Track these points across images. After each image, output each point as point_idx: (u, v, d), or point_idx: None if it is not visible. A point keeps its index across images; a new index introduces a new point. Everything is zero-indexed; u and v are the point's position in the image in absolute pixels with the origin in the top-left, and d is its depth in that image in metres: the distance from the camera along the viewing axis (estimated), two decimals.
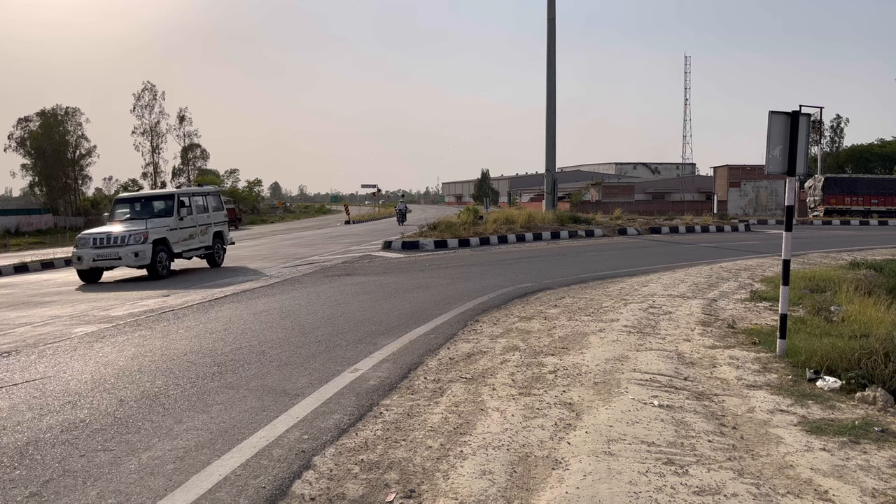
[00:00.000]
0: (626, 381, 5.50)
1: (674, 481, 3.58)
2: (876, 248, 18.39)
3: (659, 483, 3.56)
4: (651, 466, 3.78)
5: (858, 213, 38.16)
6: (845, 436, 4.26)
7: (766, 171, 6.38)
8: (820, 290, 10.14)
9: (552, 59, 27.93)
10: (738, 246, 20.03)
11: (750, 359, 6.29)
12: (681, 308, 9.02)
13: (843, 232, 28.44)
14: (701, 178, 71.66)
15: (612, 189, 56.71)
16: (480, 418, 4.73)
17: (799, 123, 6.23)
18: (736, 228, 28.19)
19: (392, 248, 20.13)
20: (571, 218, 26.45)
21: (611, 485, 3.55)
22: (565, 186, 62.15)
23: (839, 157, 71.29)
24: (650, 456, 3.94)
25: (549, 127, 28.10)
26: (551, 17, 27.92)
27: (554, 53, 27.96)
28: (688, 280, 11.88)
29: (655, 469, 3.75)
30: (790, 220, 6.54)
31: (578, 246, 20.53)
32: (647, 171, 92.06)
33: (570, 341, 7.13)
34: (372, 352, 6.84)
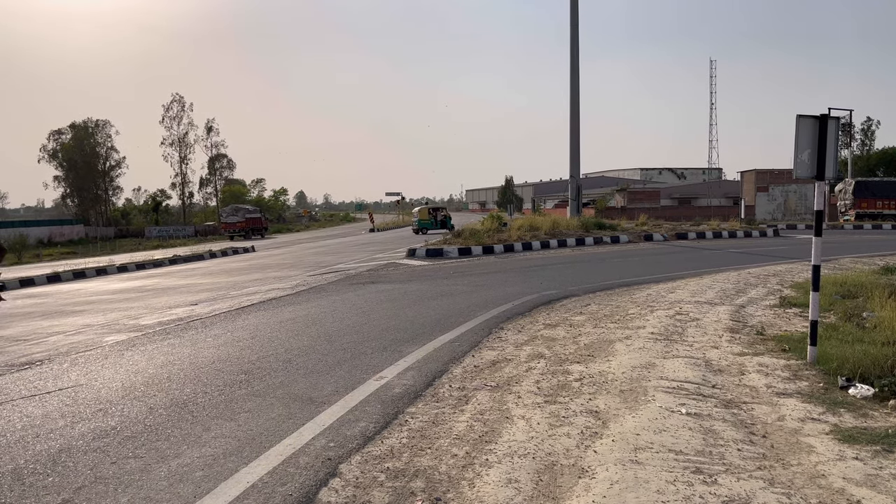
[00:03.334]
0: (653, 389, 5.45)
1: (702, 490, 3.54)
2: None
3: (687, 492, 3.52)
4: (679, 475, 3.74)
5: (891, 217, 37.40)
6: (878, 444, 4.17)
7: (795, 175, 6.30)
8: (851, 295, 9.95)
9: (575, 64, 27.87)
10: (766, 251, 19.75)
11: (780, 366, 6.19)
12: (708, 315, 8.92)
13: (875, 236, 27.89)
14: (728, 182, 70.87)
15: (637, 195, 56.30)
16: (506, 426, 4.72)
17: (828, 127, 6.14)
18: (764, 233, 27.80)
19: (416, 256, 20.19)
20: (596, 224, 26.30)
21: (638, 494, 3.51)
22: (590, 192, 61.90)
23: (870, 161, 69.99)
24: (678, 465, 3.89)
25: (573, 133, 28.01)
26: (574, 23, 27.88)
27: (577, 59, 27.90)
28: (715, 286, 11.74)
29: (683, 478, 3.71)
30: (820, 225, 6.44)
31: (604, 252, 20.39)
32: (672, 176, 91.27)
33: (596, 349, 7.08)
34: (397, 359, 6.86)
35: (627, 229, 26.54)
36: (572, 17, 27.94)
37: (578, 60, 27.92)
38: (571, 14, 27.96)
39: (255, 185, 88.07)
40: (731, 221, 32.91)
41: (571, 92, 27.92)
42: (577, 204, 28.41)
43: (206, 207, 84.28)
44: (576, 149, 28.12)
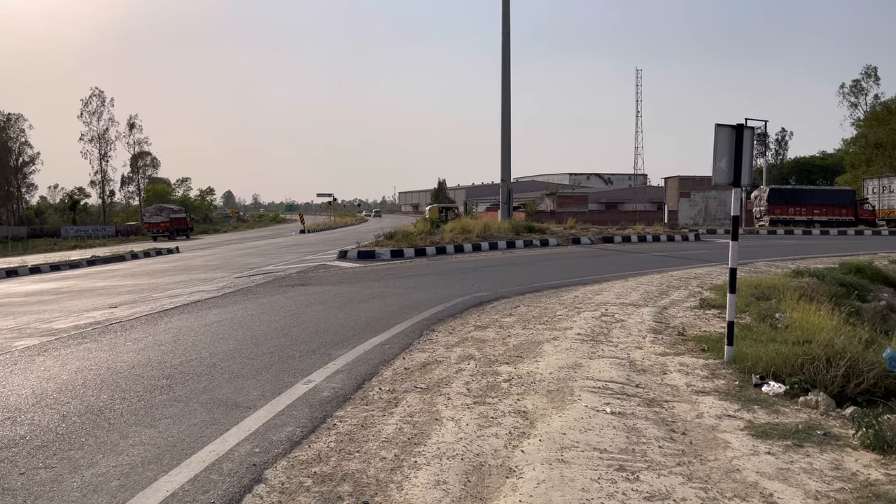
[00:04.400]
0: (580, 389, 5.56)
1: (625, 487, 3.63)
2: (818, 257, 19.00)
3: (611, 489, 3.60)
4: (603, 473, 3.83)
5: (802, 223, 39.46)
6: (789, 439, 4.38)
7: (714, 181, 6.56)
8: (765, 297, 10.43)
9: (507, 71, 28.23)
10: (688, 255, 20.49)
11: (699, 365, 6.43)
12: (633, 316, 9.17)
13: (788, 241, 29.36)
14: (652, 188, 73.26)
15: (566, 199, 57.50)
16: (435, 428, 4.72)
17: (744, 136, 6.42)
18: (686, 238, 28.84)
19: (348, 258, 20.00)
20: (527, 227, 26.68)
21: (563, 492, 3.57)
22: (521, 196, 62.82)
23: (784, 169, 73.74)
24: (602, 463, 3.98)
25: (505, 138, 28.37)
26: (506, 32, 28.24)
27: (508, 66, 28.27)
28: (640, 288, 12.09)
29: (607, 476, 3.79)
30: (736, 230, 6.73)
31: (533, 255, 20.72)
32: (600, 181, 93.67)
33: (525, 350, 7.18)
34: (326, 363, 6.76)
35: (556, 233, 27.05)
36: (504, 24, 28.32)
37: (510, 66, 28.30)
38: (503, 20, 28.32)
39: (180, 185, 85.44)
40: (655, 226, 34.01)
41: (503, 97, 28.27)
42: (508, 207, 28.77)
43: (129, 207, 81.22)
44: (507, 153, 28.49)
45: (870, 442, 4.23)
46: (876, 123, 49.91)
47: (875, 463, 4.03)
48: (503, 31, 28.27)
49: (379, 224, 48.06)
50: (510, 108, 28.37)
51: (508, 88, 28.28)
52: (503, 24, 28.29)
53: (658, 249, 23.22)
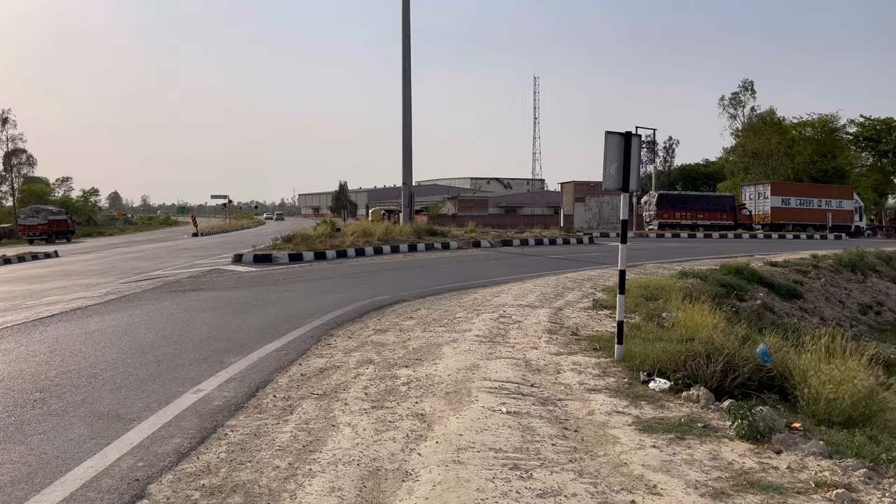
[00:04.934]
0: (477, 390, 5.62)
1: (519, 486, 3.69)
2: (701, 259, 20.16)
3: (505, 488, 3.65)
4: (498, 472, 3.87)
5: (687, 227, 41.76)
6: (673, 433, 4.60)
7: (603, 187, 6.81)
8: (654, 297, 10.94)
9: (407, 74, 28.29)
10: (582, 257, 21.21)
11: (591, 364, 6.64)
12: (529, 317, 9.38)
13: (674, 244, 30.98)
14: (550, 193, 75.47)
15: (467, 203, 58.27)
16: (331, 434, 4.63)
17: (632, 143, 6.70)
18: (581, 241, 29.87)
19: (243, 262, 19.39)
20: (428, 231, 26.81)
21: (459, 493, 3.59)
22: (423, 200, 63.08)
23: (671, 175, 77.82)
24: (497, 462, 4.03)
25: (406, 141, 28.41)
26: (406, 35, 28.31)
27: (409, 69, 28.35)
28: (536, 290, 12.39)
29: (502, 475, 3.84)
30: (625, 233, 7.01)
31: (435, 258, 20.83)
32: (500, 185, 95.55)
33: (424, 352, 7.19)
34: (218, 371, 6.51)
35: (457, 236, 27.34)
36: (404, 26, 28.37)
37: (410, 69, 28.38)
38: (403, 23, 28.37)
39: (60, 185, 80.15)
40: (552, 229, 35.07)
41: (404, 100, 28.31)
42: (409, 211, 28.82)
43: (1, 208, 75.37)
44: (408, 156, 28.54)
45: (744, 432, 4.51)
46: (752, 134, 53.54)
47: (749, 452, 4.30)
48: (403, 33, 28.33)
49: (278, 227, 46.90)
50: (411, 111, 28.48)
51: (409, 91, 28.36)
52: (403, 26, 28.35)
53: (554, 252, 23.92)
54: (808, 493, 3.65)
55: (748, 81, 57.68)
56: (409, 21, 28.45)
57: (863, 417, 5.27)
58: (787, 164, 51.48)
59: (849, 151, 55.25)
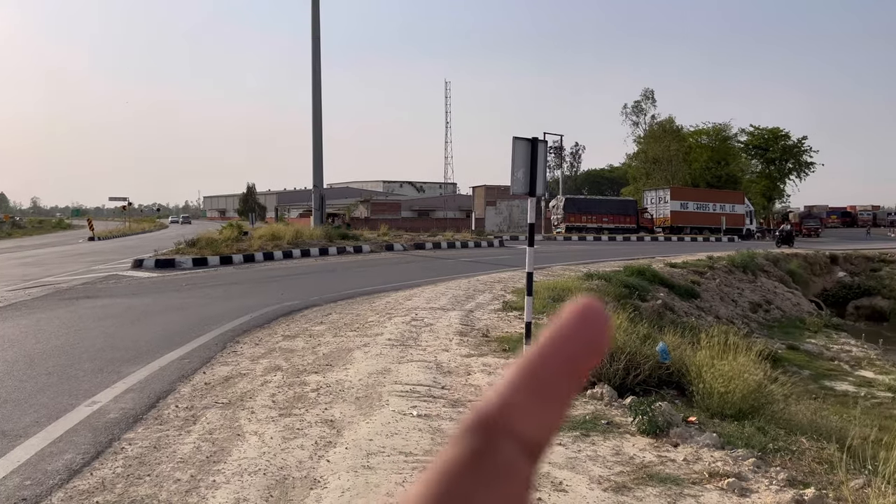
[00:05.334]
0: (388, 394, 5.60)
1: None
2: (606, 261, 20.88)
3: None
4: (408, 476, 3.87)
5: (593, 230, 43.18)
6: (578, 430, 4.73)
7: (511, 191, 6.94)
8: (561, 299, 11.24)
9: (317, 74, 27.91)
10: (493, 260, 21.54)
11: (501, 365, 6.75)
12: (441, 320, 9.43)
13: (581, 247, 31.95)
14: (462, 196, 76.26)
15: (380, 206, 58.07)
16: (237, 444, 4.50)
17: (538, 149, 6.86)
18: (492, 244, 30.33)
19: (144, 267, 18.55)
20: (340, 234, 26.53)
21: (367, 499, 3.56)
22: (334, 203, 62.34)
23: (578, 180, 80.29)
24: (407, 466, 4.03)
25: (316, 142, 28.01)
26: (316, 35, 27.92)
27: (319, 69, 27.98)
28: (448, 293, 12.48)
29: (412, 478, 3.84)
30: (532, 237, 7.17)
31: (347, 262, 20.63)
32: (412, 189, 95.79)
33: (335, 358, 7.10)
34: (115, 381, 6.19)
35: (370, 239, 27.19)
36: (314, 25, 27.97)
37: (320, 68, 28.02)
38: (313, 21, 27.96)
39: None
40: (464, 233, 35.43)
41: (314, 100, 27.91)
42: (321, 214, 28.42)
43: None
44: (319, 158, 28.14)
45: (645, 428, 4.69)
46: (653, 141, 55.98)
47: (649, 446, 4.48)
48: (313, 33, 27.93)
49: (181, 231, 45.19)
50: (321, 111, 28.10)
51: (319, 91, 27.98)
52: (313, 25, 27.94)
53: (466, 255, 24.17)
54: (703, 483, 3.84)
55: (649, 90, 60.23)
56: (319, 18, 28.09)
57: (752, 409, 5.60)
58: (685, 169, 54.10)
59: (740, 159, 58.64)
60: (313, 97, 27.91)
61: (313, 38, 27.91)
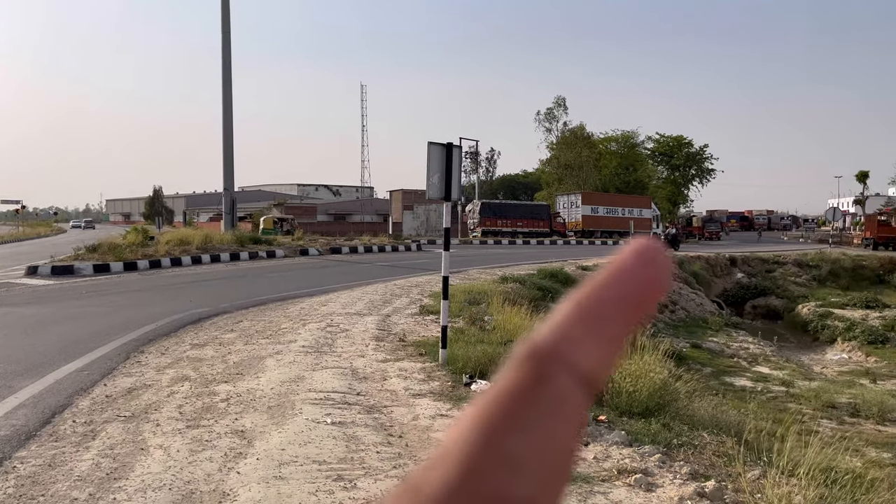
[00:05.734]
0: (301, 402, 5.48)
1: (342, 496, 3.64)
2: (521, 264, 21.27)
3: (328, 500, 3.59)
4: (321, 485, 3.80)
5: (508, 234, 43.88)
6: None
7: (427, 196, 6.96)
8: (476, 302, 11.36)
9: (228, 73, 27.15)
10: (411, 264, 21.54)
11: (417, 369, 6.74)
12: (357, 325, 9.34)
13: (497, 250, 32.43)
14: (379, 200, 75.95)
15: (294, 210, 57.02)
16: (140, 459, 4.29)
17: (453, 154, 6.91)
18: (409, 248, 30.33)
19: (39, 274, 17.48)
20: (252, 238, 25.88)
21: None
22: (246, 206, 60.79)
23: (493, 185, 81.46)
24: (321, 475, 3.95)
25: (227, 144, 27.24)
26: (226, 30, 27.14)
27: (230, 67, 27.22)
28: (365, 298, 12.38)
29: (325, 487, 3.77)
30: (448, 241, 7.21)
31: (259, 267, 20.14)
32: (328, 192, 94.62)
33: (246, 366, 6.90)
34: (5, 397, 5.79)
35: (284, 244, 26.64)
36: (224, 23, 27.19)
37: (231, 67, 27.26)
38: (223, 20, 27.19)
39: None
40: (381, 237, 35.26)
41: (224, 100, 27.12)
42: (231, 218, 27.62)
43: None
44: (229, 160, 27.37)
45: None
46: (565, 147, 57.47)
47: None
48: (223, 31, 27.14)
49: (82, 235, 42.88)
50: (232, 111, 27.33)
51: (230, 91, 27.21)
52: (223, 22, 27.15)
53: (383, 260, 24.07)
54: (612, 479, 3.96)
55: (561, 98, 61.81)
56: (229, 16, 27.35)
57: (658, 407, 5.82)
58: (595, 175, 55.82)
59: (647, 165, 61.04)
60: (223, 96, 27.14)
61: (223, 36, 27.15)
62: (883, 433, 11.11)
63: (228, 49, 27.22)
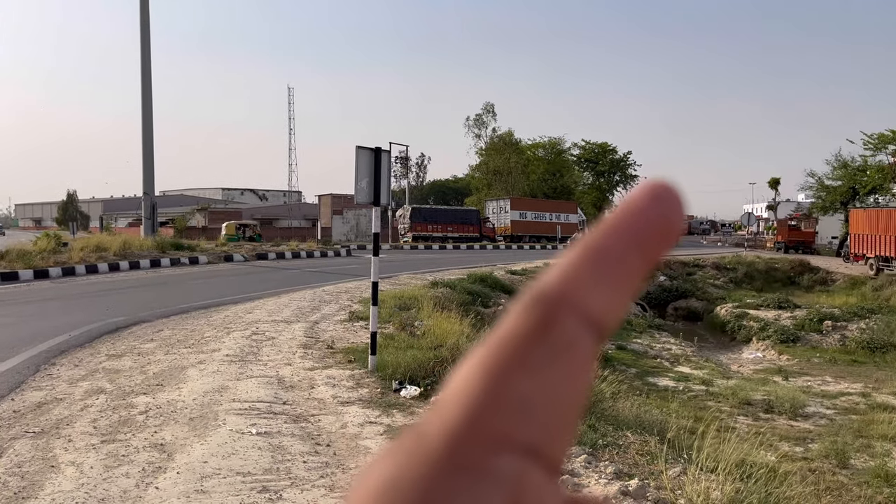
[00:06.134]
0: (225, 413, 5.32)
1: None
2: (451, 269, 21.36)
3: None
4: (245, 497, 3.69)
5: (439, 239, 44.04)
6: None
7: (356, 201, 6.90)
8: (407, 307, 11.32)
9: (147, 70, 26.20)
10: (340, 270, 21.29)
11: (345, 377, 6.66)
12: (284, 333, 9.15)
13: (427, 255, 32.47)
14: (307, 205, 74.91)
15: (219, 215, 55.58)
16: (50, 476, 4.06)
17: (382, 158, 6.87)
18: (339, 254, 30.00)
19: None
20: (174, 245, 25.04)
21: None
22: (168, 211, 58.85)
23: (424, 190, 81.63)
24: (245, 486, 3.84)
25: (146, 145, 26.29)
26: (145, 22, 26.15)
27: (149, 66, 26.28)
28: (292, 305, 12.15)
29: (250, 499, 3.66)
30: (377, 246, 7.16)
31: (182, 274, 19.50)
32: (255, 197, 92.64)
33: (167, 377, 6.65)
34: None
35: (207, 250, 25.89)
36: (143, 19, 26.22)
37: (150, 67, 26.32)
38: (142, 15, 26.21)
39: None
40: (310, 242, 34.74)
41: (143, 100, 26.16)
42: (151, 223, 26.64)
43: None
44: (150, 163, 26.42)
45: None
46: (494, 153, 58.18)
47: None
48: (142, 27, 26.15)
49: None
50: (152, 112, 26.37)
51: (149, 87, 26.26)
52: (142, 17, 26.16)
53: (312, 265, 23.72)
54: None
55: (489, 104, 62.53)
56: (148, 11, 26.40)
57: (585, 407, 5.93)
58: (523, 181, 56.69)
59: (573, 171, 62.47)
60: (143, 97, 26.17)
61: (142, 32, 26.19)
62: (794, 428, 11.68)
63: (148, 46, 26.29)
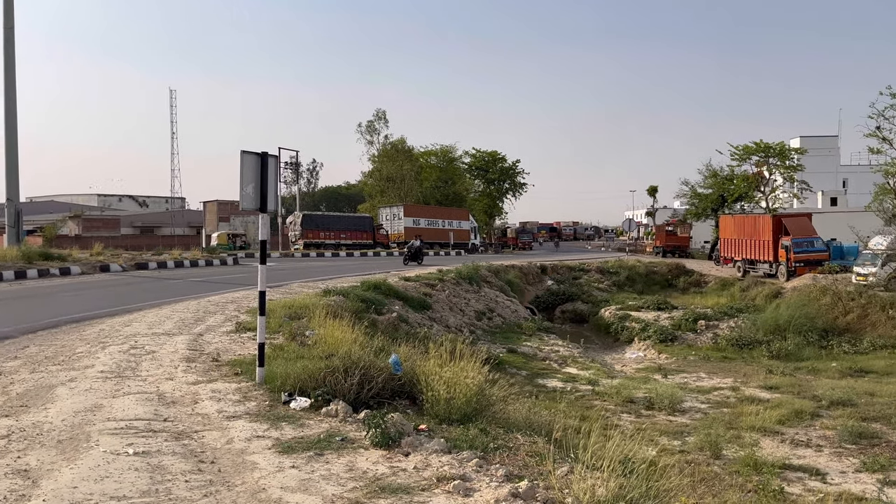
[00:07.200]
0: (98, 433, 4.98)
1: None
2: (344, 276, 21.11)
3: None
4: None
5: (332, 246, 43.42)
6: (312, 450, 4.65)
7: (241, 207, 6.67)
8: (298, 316, 11.06)
9: (11, 69, 24.22)
10: (227, 279, 20.55)
11: (232, 390, 6.41)
12: (165, 346, 8.71)
13: (319, 263, 31.94)
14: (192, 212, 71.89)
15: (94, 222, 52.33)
16: None
17: (268, 163, 6.68)
18: (225, 262, 28.94)
19: None
20: (43, 254, 23.27)
21: None
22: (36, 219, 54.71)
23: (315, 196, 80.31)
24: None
25: (10, 148, 24.30)
26: (9, 26, 24.26)
27: (13, 63, 24.32)
28: (174, 316, 11.59)
29: None
30: (264, 254, 6.95)
31: (51, 286, 18.17)
32: (134, 203, 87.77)
33: (32, 397, 6.15)
34: None
35: (81, 259, 24.26)
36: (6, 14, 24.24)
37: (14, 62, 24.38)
38: (5, 10, 24.24)
39: None
40: (194, 250, 33.32)
41: (6, 100, 24.18)
42: (17, 231, 24.64)
43: None
44: (14, 167, 24.43)
45: (378, 440, 4.76)
46: (387, 159, 58.04)
47: (382, 458, 4.55)
48: (5, 24, 24.22)
49: None
50: (16, 112, 24.39)
51: (13, 88, 24.31)
52: (5, 12, 24.20)
53: (196, 275, 22.76)
54: (431, 488, 4.00)
55: (381, 111, 62.37)
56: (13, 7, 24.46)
57: (475, 412, 5.99)
58: (416, 188, 56.90)
59: (465, 179, 63.37)
60: (6, 94, 24.20)
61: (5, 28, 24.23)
62: (673, 423, 12.35)
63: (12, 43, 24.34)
